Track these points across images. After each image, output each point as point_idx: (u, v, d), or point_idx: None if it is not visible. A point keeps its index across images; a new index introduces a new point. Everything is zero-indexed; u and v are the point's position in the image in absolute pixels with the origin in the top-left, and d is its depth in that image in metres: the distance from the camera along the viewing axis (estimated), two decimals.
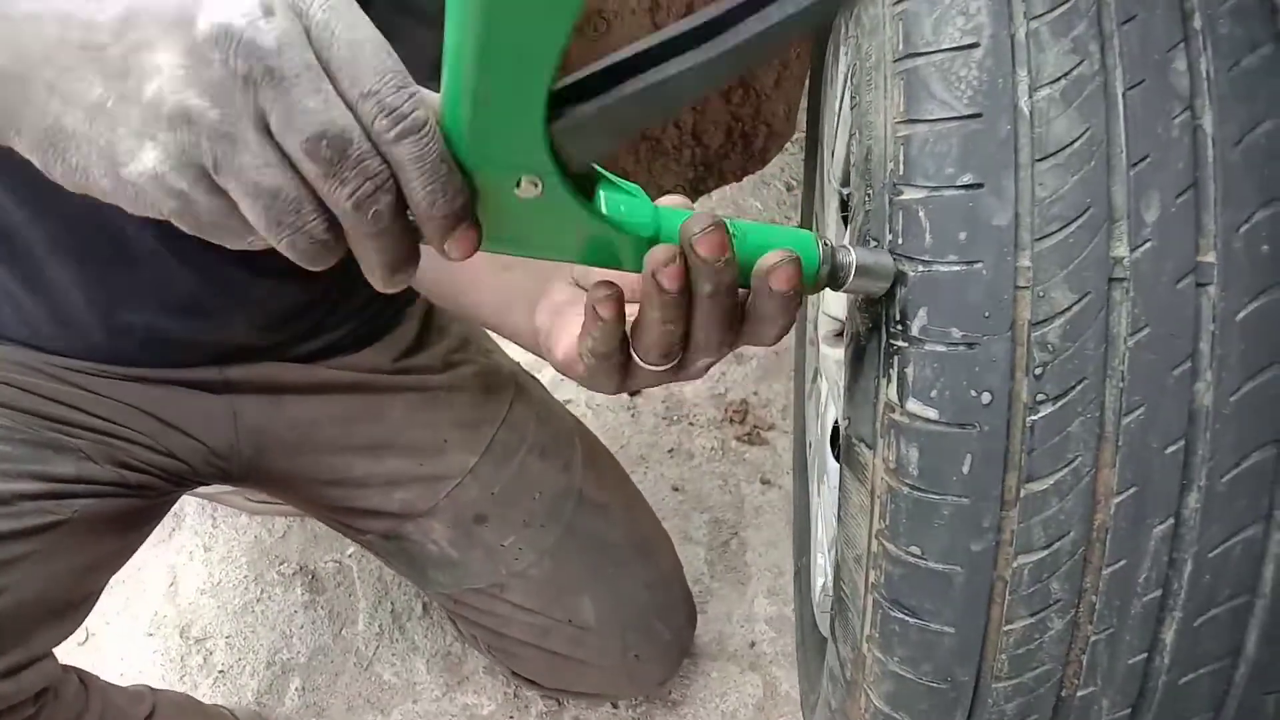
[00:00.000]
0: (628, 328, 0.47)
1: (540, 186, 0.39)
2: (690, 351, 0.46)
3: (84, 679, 0.81)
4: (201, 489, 0.93)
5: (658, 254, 0.42)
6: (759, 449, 1.32)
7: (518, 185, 0.38)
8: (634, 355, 0.47)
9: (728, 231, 0.43)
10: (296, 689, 1.09)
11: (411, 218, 0.38)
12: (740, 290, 0.45)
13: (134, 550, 0.85)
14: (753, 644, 1.13)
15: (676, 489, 1.27)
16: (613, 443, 1.29)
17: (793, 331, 1.40)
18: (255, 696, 1.08)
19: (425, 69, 0.73)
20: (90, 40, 0.32)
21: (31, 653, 0.72)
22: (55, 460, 0.75)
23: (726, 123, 1.19)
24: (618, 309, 0.45)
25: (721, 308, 0.44)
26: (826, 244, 0.47)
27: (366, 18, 0.35)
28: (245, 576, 1.18)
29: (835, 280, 0.47)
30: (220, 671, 1.11)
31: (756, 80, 1.15)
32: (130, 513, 0.82)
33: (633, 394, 1.36)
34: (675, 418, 1.35)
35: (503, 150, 0.37)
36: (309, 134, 0.33)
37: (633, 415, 1.35)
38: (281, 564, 1.19)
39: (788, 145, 1.33)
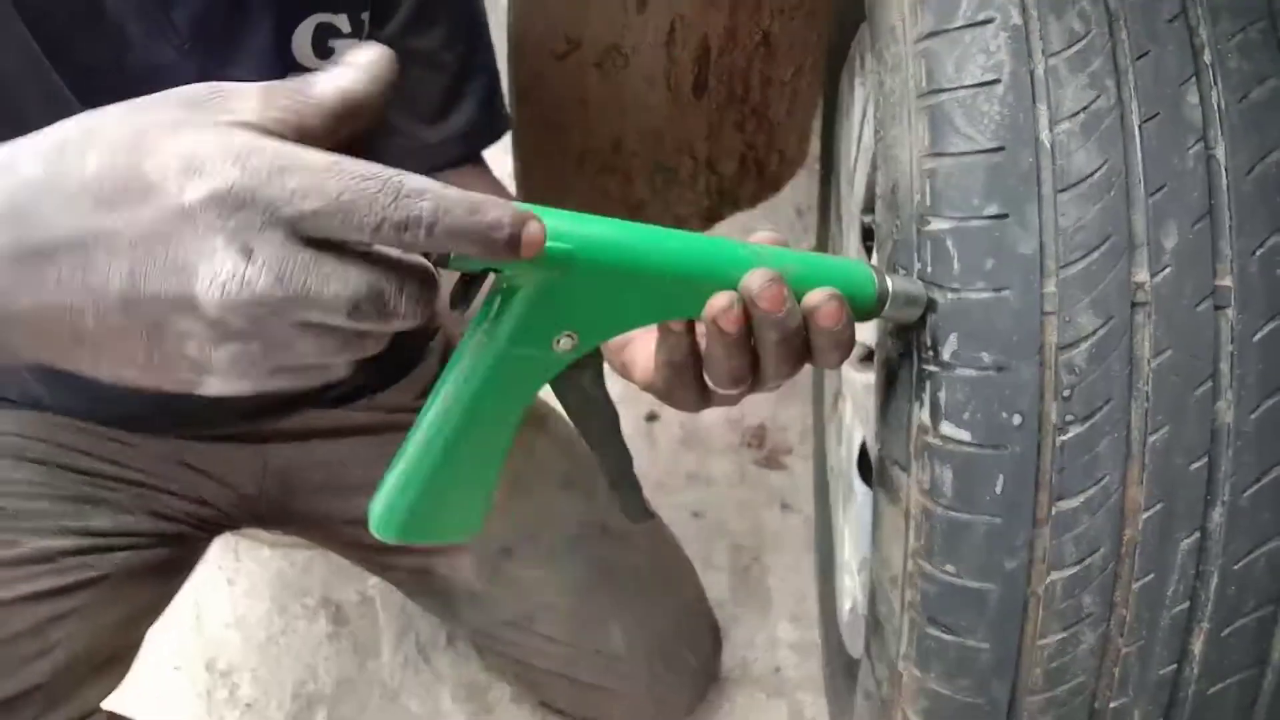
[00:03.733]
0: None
1: (575, 340, 0.43)
2: (760, 380, 0.49)
3: None
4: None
5: (717, 302, 0.44)
6: (778, 474, 1.33)
7: (556, 344, 0.43)
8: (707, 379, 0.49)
9: (784, 284, 0.45)
10: None
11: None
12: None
13: (171, 599, 0.87)
14: (777, 669, 1.14)
15: (696, 515, 1.28)
16: None
17: None
18: None
19: (429, 109, 0.75)
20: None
21: (83, 709, 0.73)
22: (93, 514, 0.76)
23: (740, 151, 1.21)
24: (686, 323, 0.47)
25: (788, 346, 0.47)
26: (879, 273, 0.49)
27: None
28: (269, 609, 1.19)
29: (877, 309, 0.49)
30: (247, 705, 1.11)
31: (769, 110, 1.18)
32: (167, 562, 0.84)
33: (651, 419, 1.38)
34: (693, 443, 1.36)
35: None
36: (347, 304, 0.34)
37: (651, 441, 1.36)
38: (305, 596, 1.20)
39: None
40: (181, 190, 0.33)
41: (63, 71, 0.58)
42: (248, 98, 0.35)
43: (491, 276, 0.41)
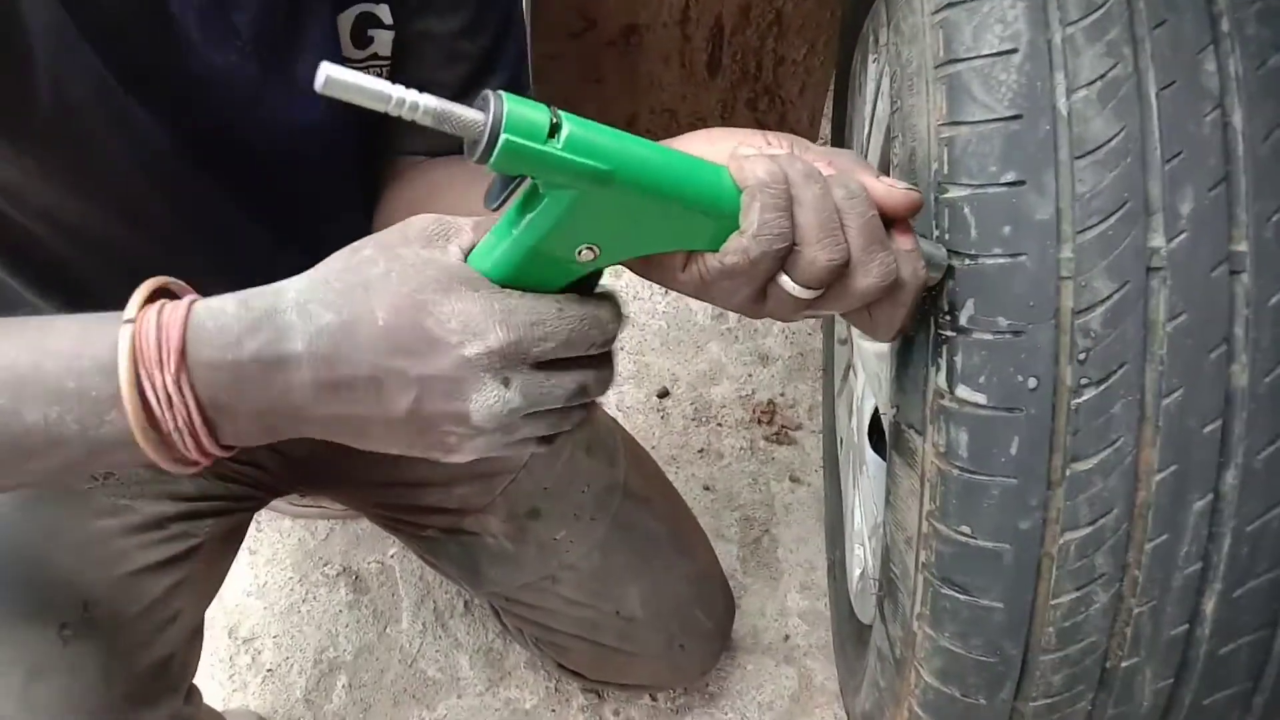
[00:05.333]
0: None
1: (596, 251, 0.46)
2: (850, 272, 0.47)
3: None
4: None
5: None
6: (787, 448, 1.34)
7: (579, 254, 0.46)
8: (785, 280, 0.47)
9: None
10: (344, 686, 1.12)
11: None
12: None
13: (229, 570, 0.89)
14: (786, 637, 1.15)
15: (707, 488, 1.30)
16: (643, 444, 1.32)
17: (820, 332, 1.42)
18: (303, 694, 1.11)
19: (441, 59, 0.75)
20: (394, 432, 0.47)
21: (191, 679, 0.76)
22: (176, 479, 0.78)
23: None
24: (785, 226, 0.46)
25: (864, 216, 0.46)
26: None
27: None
28: (290, 578, 1.21)
29: None
30: (269, 670, 1.13)
31: (782, 89, 1.19)
32: (237, 529, 0.87)
33: (662, 395, 1.39)
34: (704, 419, 1.37)
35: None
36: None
37: (662, 417, 1.38)
38: (325, 565, 1.22)
39: None
40: (462, 345, 0.44)
41: (128, 86, 0.59)
42: (464, 231, 0.47)
43: (527, 180, 0.43)
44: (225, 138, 0.64)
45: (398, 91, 0.40)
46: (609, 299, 0.48)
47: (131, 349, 0.44)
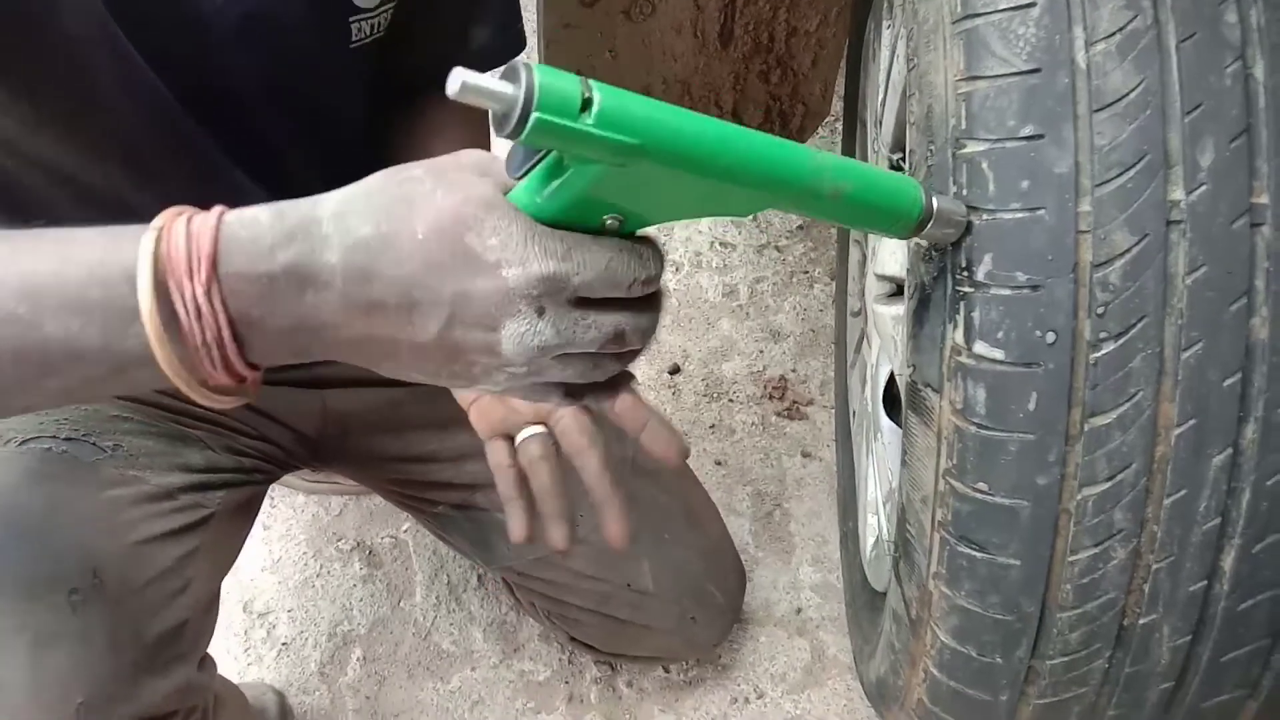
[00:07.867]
0: None
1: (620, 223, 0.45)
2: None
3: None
4: None
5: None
6: (799, 423, 1.34)
7: (604, 223, 0.45)
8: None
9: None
10: (358, 659, 1.12)
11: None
12: None
13: (244, 543, 0.89)
14: (799, 610, 1.16)
15: (719, 463, 1.30)
16: None
17: (831, 309, 1.42)
18: (318, 667, 1.12)
19: (436, 35, 0.76)
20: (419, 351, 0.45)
21: (205, 649, 0.77)
22: (187, 452, 0.78)
23: (765, 102, 1.21)
24: None
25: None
26: (926, 191, 0.49)
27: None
28: (304, 553, 1.22)
29: (921, 226, 0.50)
30: (284, 644, 1.14)
31: (794, 60, 1.18)
32: (250, 501, 0.87)
33: (674, 372, 1.39)
34: (715, 394, 1.37)
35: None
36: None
37: (674, 393, 1.38)
38: (339, 540, 1.23)
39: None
40: (500, 265, 0.42)
41: (125, 27, 0.59)
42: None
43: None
44: (215, 83, 0.64)
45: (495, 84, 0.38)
46: (647, 240, 0.46)
47: (154, 253, 0.42)
